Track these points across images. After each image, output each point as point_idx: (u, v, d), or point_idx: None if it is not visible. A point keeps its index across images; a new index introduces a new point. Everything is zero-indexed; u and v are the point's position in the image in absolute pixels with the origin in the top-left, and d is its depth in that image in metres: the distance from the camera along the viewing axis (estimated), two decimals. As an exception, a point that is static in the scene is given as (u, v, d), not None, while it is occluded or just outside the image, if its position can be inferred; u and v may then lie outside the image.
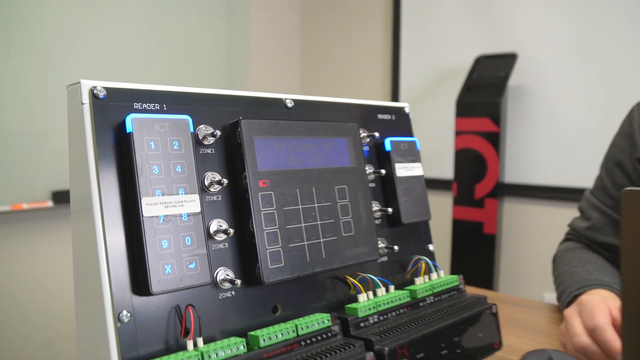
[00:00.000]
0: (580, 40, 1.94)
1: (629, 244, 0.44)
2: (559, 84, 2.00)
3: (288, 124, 0.46)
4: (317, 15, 2.82)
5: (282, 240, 0.42)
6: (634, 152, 0.86)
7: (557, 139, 1.97)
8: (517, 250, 2.04)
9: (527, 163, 2.03)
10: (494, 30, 2.14)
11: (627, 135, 0.88)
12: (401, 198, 0.53)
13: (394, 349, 0.42)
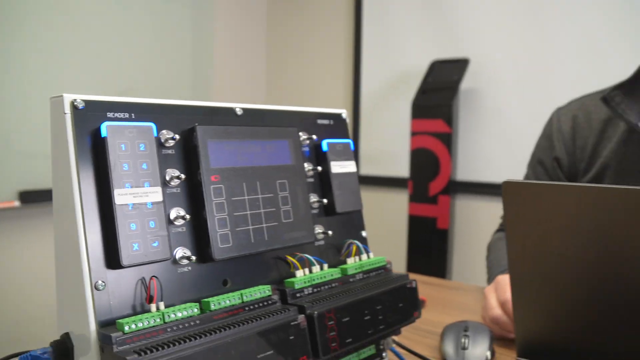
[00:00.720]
0: (526, 46, 2.08)
1: (512, 230, 0.55)
2: (507, 87, 2.13)
3: (237, 129, 0.55)
4: (281, 22, 2.91)
5: (230, 224, 0.51)
6: (552, 152, 0.98)
7: (505, 138, 2.11)
8: (468, 243, 2.17)
9: (478, 161, 2.16)
10: (448, 37, 2.27)
11: (547, 137, 1.00)
12: (335, 191, 0.63)
13: (323, 313, 0.52)
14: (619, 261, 0.51)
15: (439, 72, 2.16)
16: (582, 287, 0.54)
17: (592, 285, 0.53)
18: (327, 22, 2.71)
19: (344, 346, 0.53)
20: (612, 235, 0.50)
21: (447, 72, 2.14)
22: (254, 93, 2.94)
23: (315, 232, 0.60)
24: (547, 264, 0.55)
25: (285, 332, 0.48)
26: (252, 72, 2.93)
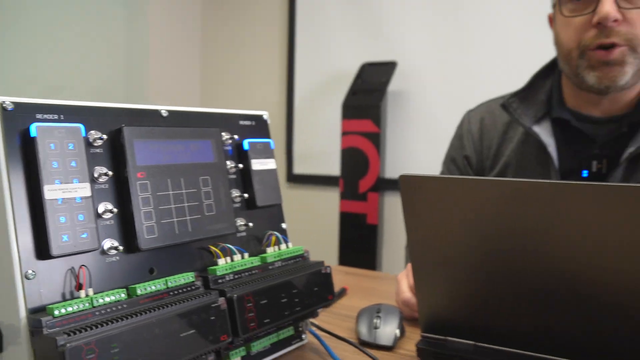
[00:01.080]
0: (450, 51, 2.21)
1: (410, 220, 0.62)
2: (432, 89, 2.26)
3: (162, 129, 0.59)
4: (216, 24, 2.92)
5: (155, 217, 0.56)
6: (463, 151, 1.07)
7: (430, 137, 2.23)
8: (397, 237, 2.28)
9: (405, 159, 2.28)
10: (377, 41, 2.37)
11: (458, 138, 1.09)
12: (256, 186, 0.68)
13: (242, 296, 0.57)
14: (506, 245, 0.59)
15: (369, 74, 2.26)
16: (476, 269, 0.62)
17: (485, 267, 0.61)
18: (262, 24, 2.76)
19: (262, 326, 0.59)
20: (501, 222, 0.58)
21: (376, 74, 2.24)
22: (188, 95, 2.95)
23: (237, 224, 0.66)
24: (442, 249, 0.62)
25: (207, 313, 0.54)
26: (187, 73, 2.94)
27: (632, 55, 0.84)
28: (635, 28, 0.83)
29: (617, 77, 0.85)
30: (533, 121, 0.95)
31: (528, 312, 0.60)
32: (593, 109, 0.93)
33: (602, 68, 0.85)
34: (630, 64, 0.85)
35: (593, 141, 0.92)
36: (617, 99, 0.90)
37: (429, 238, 0.63)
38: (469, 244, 0.61)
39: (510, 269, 0.59)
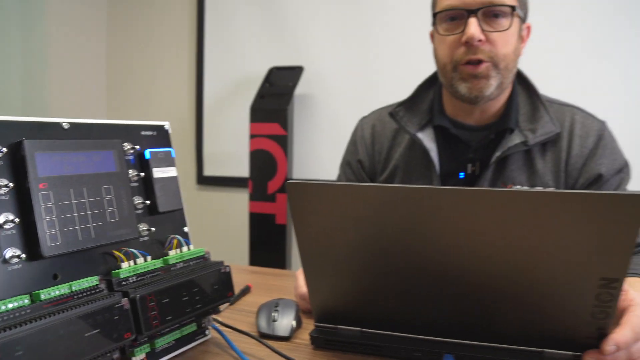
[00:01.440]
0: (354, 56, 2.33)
1: (298, 223, 0.69)
2: (338, 92, 2.36)
3: (64, 142, 0.62)
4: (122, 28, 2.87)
5: (58, 225, 0.59)
6: (357, 155, 1.16)
7: (336, 139, 2.32)
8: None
9: (312, 161, 2.37)
10: (285, 45, 2.44)
11: (353, 143, 1.18)
12: (157, 193, 0.73)
13: (144, 295, 0.62)
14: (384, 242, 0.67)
15: (276, 78, 2.32)
16: (361, 265, 0.70)
17: (369, 263, 0.69)
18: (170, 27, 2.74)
19: (165, 323, 0.64)
20: (378, 222, 0.66)
21: (283, 78, 2.31)
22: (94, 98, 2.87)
23: (140, 229, 0.70)
24: (328, 248, 0.70)
25: (110, 313, 0.58)
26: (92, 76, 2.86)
27: (495, 70, 0.97)
28: (496, 47, 0.96)
29: (484, 89, 0.97)
30: (417, 128, 1.06)
31: (406, 300, 0.69)
32: (468, 117, 1.05)
33: (471, 80, 0.97)
34: (494, 78, 0.97)
35: (468, 146, 1.04)
36: (486, 109, 1.03)
37: (315, 239, 0.70)
38: (351, 242, 0.68)
39: (391, 264, 0.68)
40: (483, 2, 0.94)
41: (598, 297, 0.60)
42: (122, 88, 2.89)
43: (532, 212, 0.57)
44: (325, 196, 0.65)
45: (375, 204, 0.63)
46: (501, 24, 0.96)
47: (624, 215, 0.53)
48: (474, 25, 0.93)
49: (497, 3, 0.94)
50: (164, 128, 0.79)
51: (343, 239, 0.68)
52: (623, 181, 1.00)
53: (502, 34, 0.95)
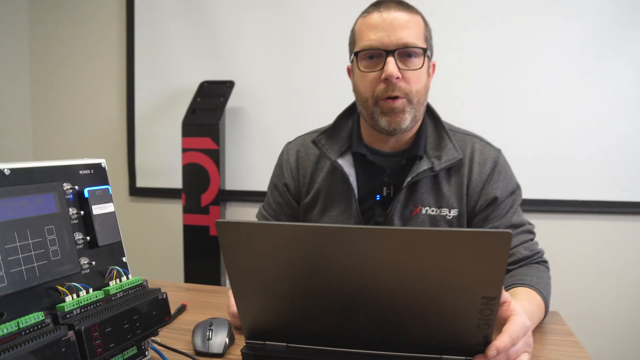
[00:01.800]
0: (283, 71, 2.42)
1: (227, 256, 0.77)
2: (268, 106, 2.45)
3: (6, 189, 0.68)
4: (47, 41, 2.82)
5: (4, 268, 0.64)
6: (283, 179, 1.25)
7: (266, 151, 2.42)
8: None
9: (244, 172, 2.44)
10: (215, 59, 2.50)
11: (279, 167, 1.27)
12: (97, 228, 0.79)
13: (88, 327, 0.68)
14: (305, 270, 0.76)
15: (208, 92, 2.38)
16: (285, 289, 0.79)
17: (292, 287, 0.78)
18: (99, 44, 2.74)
19: (108, 350, 0.70)
20: (299, 254, 0.75)
21: (214, 92, 2.37)
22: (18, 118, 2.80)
23: (82, 263, 0.76)
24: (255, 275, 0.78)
25: (58, 346, 0.64)
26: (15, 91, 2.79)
27: (409, 105, 1.08)
28: (410, 84, 1.07)
29: (401, 122, 1.09)
30: (337, 155, 1.16)
31: (325, 318, 0.79)
32: (383, 145, 1.16)
33: (390, 114, 1.08)
34: (408, 112, 1.09)
35: (383, 171, 1.15)
36: (400, 139, 1.15)
37: (244, 269, 0.78)
38: (276, 272, 0.77)
39: (311, 288, 0.77)
40: (399, 44, 1.05)
41: (481, 312, 0.72)
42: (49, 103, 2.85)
43: (425, 246, 0.68)
44: (251, 234, 0.74)
45: (295, 240, 0.73)
46: (414, 64, 1.07)
47: (496, 247, 0.65)
48: (392, 64, 1.05)
49: (411, 45, 1.06)
50: (101, 166, 0.85)
51: (268, 268, 0.77)
52: (515, 201, 1.15)
53: (415, 72, 1.07)
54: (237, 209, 2.47)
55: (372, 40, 1.07)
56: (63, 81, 2.79)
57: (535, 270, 1.08)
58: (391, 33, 1.06)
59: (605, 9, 2.14)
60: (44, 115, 2.85)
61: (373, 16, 1.08)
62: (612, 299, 2.29)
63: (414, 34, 1.07)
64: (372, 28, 1.07)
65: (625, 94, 2.17)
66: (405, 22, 1.06)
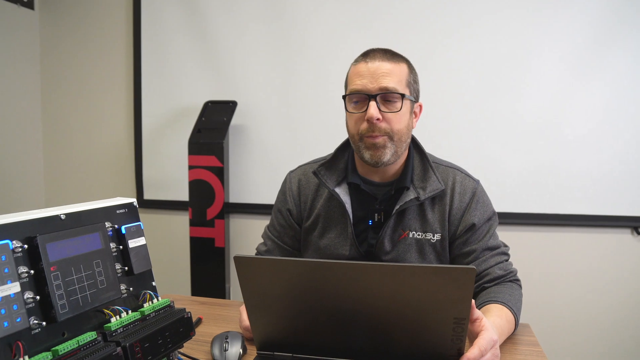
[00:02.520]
0: (283, 91, 2.56)
1: (243, 283, 0.92)
2: (270, 124, 2.59)
3: (64, 232, 0.82)
4: (57, 57, 2.95)
5: (66, 297, 0.79)
6: (286, 205, 1.40)
7: (267, 166, 2.57)
8: (242, 257, 2.58)
9: (247, 187, 2.59)
10: (219, 80, 2.64)
11: (283, 193, 1.42)
12: (133, 259, 0.94)
13: (132, 344, 0.83)
14: (311, 294, 0.91)
15: (211, 112, 2.52)
16: (292, 309, 0.94)
17: (299, 308, 0.93)
18: (107, 65, 2.87)
19: (146, 363, 0.86)
20: (306, 281, 0.90)
21: (218, 112, 2.52)
22: (30, 125, 2.94)
23: (121, 289, 0.91)
24: (267, 297, 0.94)
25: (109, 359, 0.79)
26: (28, 115, 2.92)
27: (390, 142, 1.23)
28: (390, 124, 1.22)
29: (382, 156, 1.23)
30: (335, 184, 1.31)
31: (325, 333, 0.94)
32: (374, 176, 1.32)
33: (372, 149, 1.23)
34: (389, 148, 1.23)
35: (375, 199, 1.31)
36: (387, 170, 1.30)
37: (257, 292, 0.93)
38: (284, 295, 0.93)
39: (314, 308, 0.92)
40: (380, 89, 1.21)
41: (454, 330, 0.87)
42: (60, 120, 2.98)
43: (406, 278, 0.83)
44: (263, 266, 0.89)
45: (300, 272, 0.88)
46: (395, 106, 1.22)
47: (462, 279, 0.81)
48: (373, 107, 1.20)
49: (391, 91, 1.21)
50: (133, 205, 1.00)
51: (278, 294, 0.92)
52: (491, 227, 1.30)
53: (396, 114, 1.22)
54: (240, 220, 2.62)
55: (357, 85, 1.22)
56: (73, 99, 2.94)
57: (508, 289, 1.23)
58: (374, 80, 1.21)
59: (593, 25, 2.29)
60: (55, 131, 2.99)
61: (360, 65, 1.24)
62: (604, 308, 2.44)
63: (395, 80, 1.22)
64: (359, 75, 1.23)
65: (613, 109, 2.32)
66: (388, 70, 1.21)
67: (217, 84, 2.63)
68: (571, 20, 2.29)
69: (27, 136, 2.92)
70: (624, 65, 2.28)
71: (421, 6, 2.42)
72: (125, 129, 2.85)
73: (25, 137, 2.91)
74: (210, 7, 2.61)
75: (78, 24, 2.87)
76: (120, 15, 2.80)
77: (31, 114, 2.94)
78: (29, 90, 2.91)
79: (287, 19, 2.54)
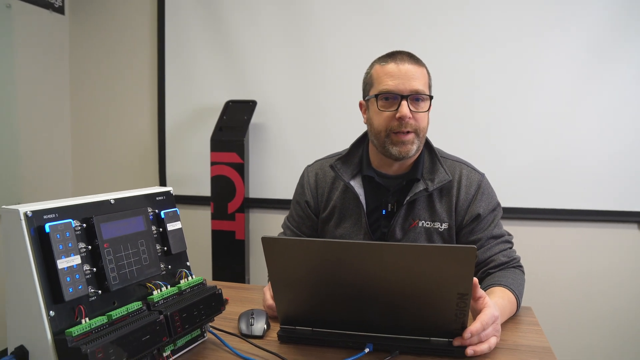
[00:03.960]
0: (302, 91, 2.68)
1: (270, 262, 1.03)
2: (288, 123, 2.71)
3: (113, 214, 0.94)
4: (85, 62, 3.09)
5: (117, 270, 0.91)
6: (304, 197, 1.51)
7: (285, 163, 2.68)
8: (260, 249, 2.70)
9: (266, 182, 2.71)
10: (239, 80, 2.76)
11: (301, 186, 1.53)
12: (170, 241, 1.05)
13: (172, 313, 0.95)
14: (331, 273, 1.02)
15: (232, 111, 2.64)
16: (313, 287, 1.05)
17: (319, 285, 1.04)
18: (132, 66, 3.01)
19: (184, 329, 0.97)
20: (327, 261, 1.00)
21: (239, 111, 2.63)
22: (60, 124, 3.08)
23: (161, 267, 1.03)
24: (291, 277, 1.05)
25: (154, 325, 0.90)
26: (58, 116, 3.07)
27: (417, 138, 1.34)
28: (418, 122, 1.33)
29: (409, 151, 1.34)
30: (350, 177, 1.42)
31: (342, 309, 1.05)
32: (388, 169, 1.42)
33: (400, 145, 1.33)
34: (415, 144, 1.34)
35: (387, 190, 1.41)
36: (402, 164, 1.40)
37: (282, 271, 1.05)
38: (306, 274, 1.04)
39: (332, 286, 1.03)
40: (412, 91, 1.31)
41: (457, 305, 0.98)
42: (88, 121, 3.12)
43: (413, 257, 0.94)
44: (288, 247, 1.01)
45: (320, 252, 1.00)
46: (422, 107, 1.33)
47: (464, 257, 0.91)
48: (405, 107, 1.30)
49: (421, 92, 1.32)
50: (170, 193, 1.12)
51: (300, 272, 1.04)
52: (496, 217, 1.40)
53: (422, 113, 1.33)
54: (260, 215, 2.74)
55: (390, 85, 1.32)
56: (100, 100, 3.07)
57: (511, 274, 1.33)
58: (405, 81, 1.31)
59: (601, 20, 2.37)
60: (82, 130, 3.13)
61: (390, 66, 1.34)
62: (609, 304, 2.52)
63: (422, 83, 1.32)
64: (390, 76, 1.33)
65: (619, 106, 2.40)
66: (416, 73, 1.32)
67: (238, 84, 2.75)
68: (582, 16, 2.38)
69: (56, 135, 3.07)
70: (632, 62, 2.36)
71: (435, 8, 2.52)
72: (150, 128, 2.98)
73: (55, 135, 3.06)
74: (231, 13, 2.74)
75: (105, 28, 3.01)
76: (145, 20, 2.93)
77: (60, 114, 3.09)
78: (59, 91, 3.06)
79: (305, 22, 2.65)
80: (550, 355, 1.06)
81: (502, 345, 1.09)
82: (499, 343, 1.07)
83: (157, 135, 2.94)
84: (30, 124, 2.84)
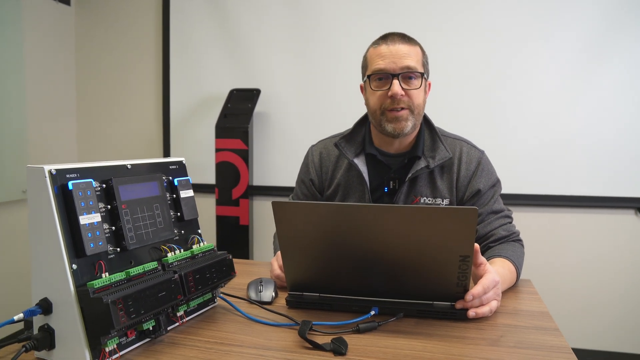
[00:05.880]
0: (304, 79, 2.72)
1: (279, 228, 1.08)
2: (291, 111, 2.75)
3: (130, 178, 0.99)
4: (91, 48, 3.13)
5: (134, 230, 0.95)
6: (309, 175, 1.55)
7: (288, 151, 2.72)
8: (263, 234, 2.74)
9: (269, 170, 2.75)
10: (243, 69, 2.80)
11: (305, 165, 1.57)
12: (183, 207, 1.10)
13: (187, 273, 0.99)
14: (337, 238, 1.06)
15: (237, 99, 2.69)
16: (320, 253, 1.09)
17: (326, 251, 1.08)
18: (137, 55, 3.05)
19: (197, 290, 1.01)
20: (334, 226, 1.05)
21: (243, 99, 2.68)
22: (65, 115, 3.13)
23: (174, 232, 1.07)
24: (299, 242, 1.09)
25: (169, 283, 0.95)
26: (63, 103, 3.11)
27: (411, 115, 1.38)
28: (411, 99, 1.37)
29: (404, 127, 1.38)
30: (354, 155, 1.46)
31: (347, 274, 1.09)
32: (389, 147, 1.47)
33: (394, 122, 1.38)
34: (410, 120, 1.38)
35: (390, 168, 1.46)
36: (402, 142, 1.45)
37: (291, 237, 1.09)
38: (314, 240, 1.08)
39: (338, 252, 1.07)
40: (402, 69, 1.35)
41: (460, 268, 1.02)
42: (93, 107, 3.17)
43: (417, 219, 0.98)
44: (297, 211, 1.05)
45: (328, 215, 1.04)
46: (414, 84, 1.37)
47: (466, 219, 0.95)
48: (396, 84, 1.34)
49: (412, 69, 1.36)
50: (182, 163, 1.16)
51: (308, 236, 1.08)
52: (496, 192, 1.45)
53: (415, 90, 1.37)
54: (263, 202, 2.78)
55: (380, 65, 1.37)
56: (105, 88, 3.12)
57: (510, 246, 1.37)
58: (397, 59, 1.35)
59: (596, 14, 2.42)
60: (88, 119, 3.18)
61: (381, 47, 1.38)
62: (607, 286, 2.57)
63: (414, 60, 1.37)
64: (381, 56, 1.37)
65: (618, 94, 2.45)
66: (407, 51, 1.36)
67: (242, 73, 2.79)
68: (584, 6, 2.42)
69: (62, 123, 3.11)
70: (633, 51, 2.40)
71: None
72: (155, 116, 3.03)
73: (61, 123, 3.10)
74: (235, 2, 2.78)
75: (111, 18, 3.06)
76: (150, 10, 2.97)
77: (67, 103, 3.12)
78: (65, 79, 3.10)
79: (308, 11, 2.70)
80: (548, 318, 1.10)
81: (502, 310, 1.14)
82: (499, 308, 1.12)
83: (162, 123, 2.98)
84: (37, 112, 2.88)
